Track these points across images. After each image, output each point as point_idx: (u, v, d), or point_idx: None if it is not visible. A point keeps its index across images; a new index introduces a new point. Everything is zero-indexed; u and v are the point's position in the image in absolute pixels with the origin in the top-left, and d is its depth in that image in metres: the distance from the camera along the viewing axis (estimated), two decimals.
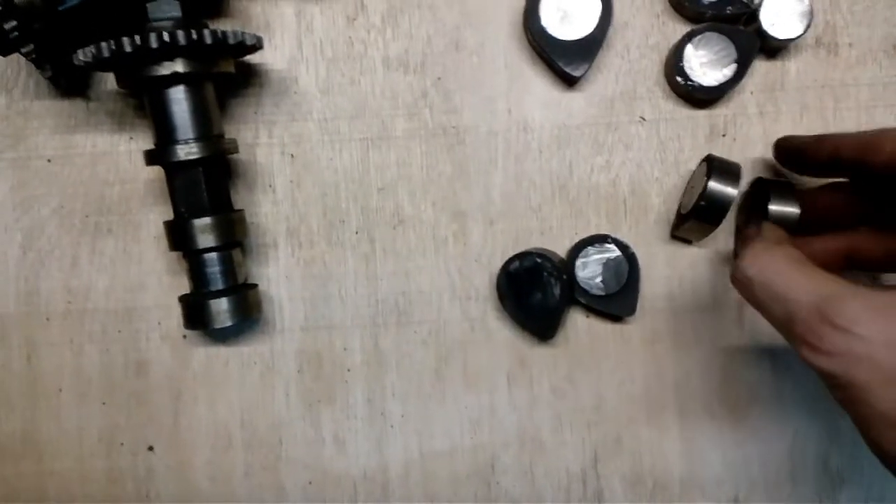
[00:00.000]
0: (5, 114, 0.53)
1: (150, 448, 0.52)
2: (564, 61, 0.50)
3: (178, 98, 0.45)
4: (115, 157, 0.52)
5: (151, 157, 0.46)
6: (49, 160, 0.53)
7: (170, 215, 0.48)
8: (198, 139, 0.45)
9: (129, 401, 0.52)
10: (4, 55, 0.45)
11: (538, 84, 0.52)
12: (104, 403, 0.52)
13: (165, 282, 0.52)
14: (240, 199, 0.52)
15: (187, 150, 0.45)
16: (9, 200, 0.53)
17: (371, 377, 0.52)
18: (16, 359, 0.53)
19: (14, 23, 0.43)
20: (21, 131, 0.53)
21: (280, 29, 0.52)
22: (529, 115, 0.52)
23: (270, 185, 0.52)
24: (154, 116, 0.46)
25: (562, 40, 0.49)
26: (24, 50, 0.44)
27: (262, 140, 0.52)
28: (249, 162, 0.52)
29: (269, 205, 0.52)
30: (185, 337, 0.52)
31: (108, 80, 0.52)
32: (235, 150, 0.49)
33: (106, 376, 0.52)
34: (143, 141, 0.52)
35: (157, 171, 0.50)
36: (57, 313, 0.52)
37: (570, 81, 0.51)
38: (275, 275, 0.52)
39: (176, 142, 0.45)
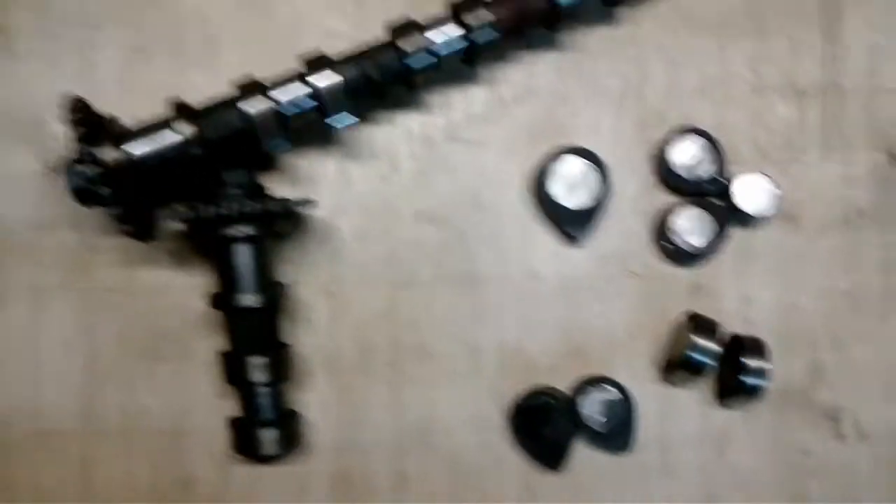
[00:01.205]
0: (76, 249, 0.60)
1: None
2: (569, 225, 0.58)
3: (244, 253, 0.53)
4: (173, 291, 0.59)
5: (216, 303, 0.54)
6: (112, 290, 0.59)
7: (220, 345, 0.55)
8: (258, 290, 0.52)
9: None
10: (84, 203, 0.52)
11: (545, 239, 0.61)
12: None
13: (213, 405, 0.58)
14: (281, 330, 0.59)
15: (250, 299, 0.52)
16: (74, 325, 0.59)
17: (395, 499, 0.58)
18: (71, 472, 0.58)
19: (108, 190, 0.50)
20: (88, 265, 0.60)
21: (323, 182, 0.61)
22: (538, 267, 0.60)
23: (310, 319, 0.60)
24: (220, 267, 0.54)
25: (567, 207, 0.58)
26: (112, 212, 0.51)
27: (305, 279, 0.60)
28: (292, 298, 0.59)
29: (308, 336, 0.59)
30: (230, 456, 0.58)
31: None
32: (287, 295, 0.56)
33: (155, 491, 0.58)
34: (199, 276, 0.59)
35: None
36: (112, 431, 0.58)
37: (572, 241, 0.60)
38: (312, 400, 0.59)
39: (239, 291, 0.52)
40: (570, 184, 0.58)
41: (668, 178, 0.59)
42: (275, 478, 0.58)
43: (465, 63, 0.57)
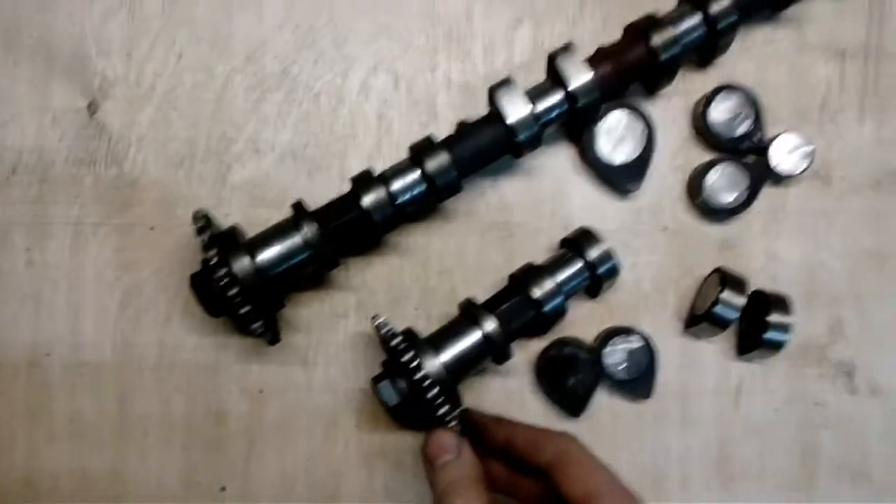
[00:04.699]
0: (116, 185, 0.62)
1: (223, 488, 0.61)
2: (619, 179, 0.60)
3: None
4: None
5: None
6: (150, 228, 0.61)
7: None
8: None
9: (208, 446, 0.61)
10: (217, 317, 0.55)
11: (578, 192, 0.63)
12: (185, 447, 0.61)
13: (248, 342, 0.61)
14: None
15: None
16: (112, 261, 0.62)
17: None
18: (109, 403, 0.62)
19: (236, 290, 0.51)
20: (128, 201, 0.62)
21: None
22: (570, 217, 0.63)
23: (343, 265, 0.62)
24: None
25: (615, 163, 0.60)
26: (241, 312, 0.52)
27: None
28: None
29: (341, 278, 0.62)
30: (261, 392, 0.61)
31: None
32: None
33: (189, 423, 0.61)
34: None
35: None
36: (149, 365, 0.61)
37: (624, 194, 0.63)
38: (342, 341, 0.61)
39: None
40: (616, 138, 0.60)
41: (706, 133, 0.62)
42: (304, 413, 0.61)
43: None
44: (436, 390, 0.51)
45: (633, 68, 0.57)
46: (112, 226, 0.62)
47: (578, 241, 0.59)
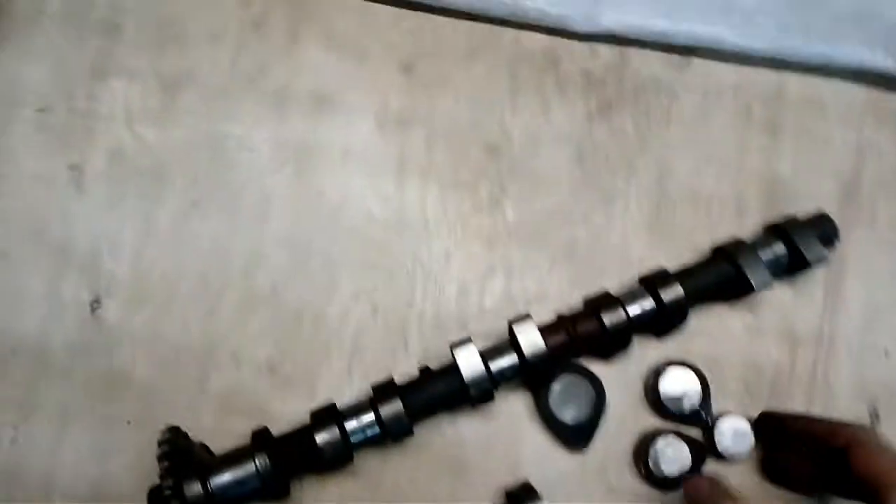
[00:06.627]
0: (103, 376, 0.68)
1: None
2: (568, 436, 0.66)
3: None
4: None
5: None
6: (129, 423, 0.67)
7: None
8: None
9: None
10: None
11: (531, 439, 0.67)
12: None
13: None
14: None
15: None
16: (90, 450, 0.67)
17: None
18: None
19: None
20: (112, 393, 0.67)
21: None
22: (520, 463, 0.67)
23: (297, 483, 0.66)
24: None
25: (565, 422, 0.65)
26: None
27: None
28: None
29: (294, 497, 0.66)
30: None
31: None
32: None
33: None
34: None
35: None
36: None
37: (573, 451, 0.67)
38: None
39: None
40: (568, 399, 0.66)
41: (655, 405, 0.66)
42: None
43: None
44: None
45: (585, 340, 0.63)
46: (95, 416, 0.68)
47: (520, 496, 0.63)
